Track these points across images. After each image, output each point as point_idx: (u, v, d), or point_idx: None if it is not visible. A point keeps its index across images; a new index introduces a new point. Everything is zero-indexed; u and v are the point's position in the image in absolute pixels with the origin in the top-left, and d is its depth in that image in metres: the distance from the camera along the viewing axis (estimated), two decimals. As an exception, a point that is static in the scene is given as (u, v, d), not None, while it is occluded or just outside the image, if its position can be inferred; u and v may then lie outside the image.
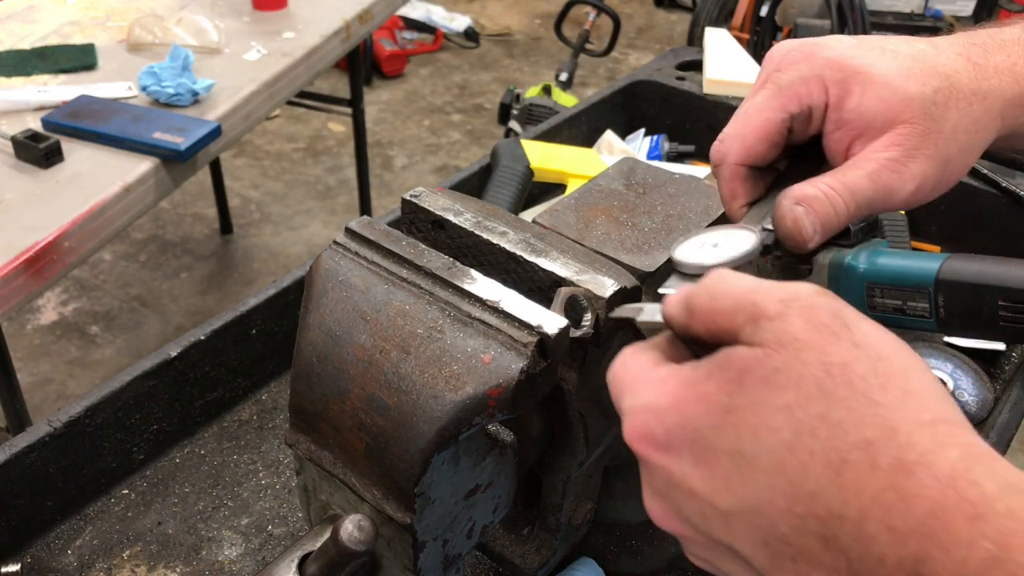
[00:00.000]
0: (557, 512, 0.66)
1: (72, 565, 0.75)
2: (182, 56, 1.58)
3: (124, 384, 0.80)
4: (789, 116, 0.57)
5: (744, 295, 0.40)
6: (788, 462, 0.37)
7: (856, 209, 0.55)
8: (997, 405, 0.91)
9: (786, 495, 0.36)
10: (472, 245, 0.62)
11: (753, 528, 0.38)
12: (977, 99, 0.57)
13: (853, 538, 0.35)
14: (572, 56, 3.64)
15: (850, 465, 0.35)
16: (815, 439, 0.36)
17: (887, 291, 0.94)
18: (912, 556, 0.33)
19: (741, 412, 0.38)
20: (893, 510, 0.34)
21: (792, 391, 0.37)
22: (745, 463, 0.38)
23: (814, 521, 0.36)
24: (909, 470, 0.34)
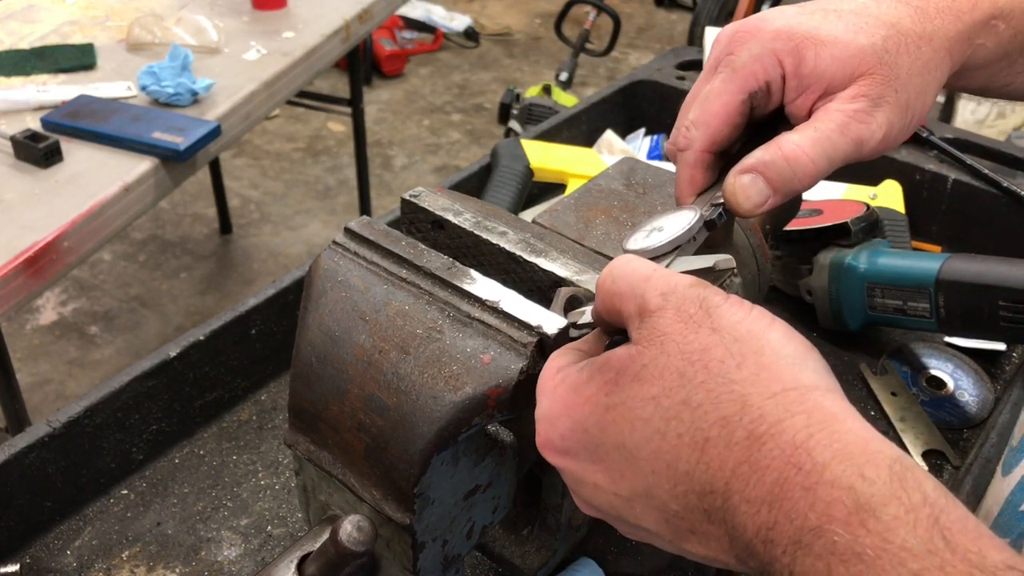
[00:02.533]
0: (557, 512, 0.66)
1: (71, 566, 0.75)
2: (181, 56, 1.58)
3: (123, 384, 0.80)
4: (748, 96, 0.58)
5: (637, 283, 0.44)
6: (662, 448, 0.40)
7: (828, 164, 0.56)
8: (997, 405, 0.91)
9: (667, 477, 0.40)
10: (472, 245, 0.62)
11: (652, 509, 0.42)
12: (924, 41, 0.58)
13: (724, 510, 0.39)
14: (572, 56, 3.64)
15: (711, 443, 0.39)
16: (681, 423, 0.40)
17: (887, 291, 0.94)
18: (764, 523, 0.37)
19: (619, 409, 0.42)
20: (748, 482, 0.38)
21: (658, 383, 0.41)
22: (629, 454, 0.42)
23: (694, 497, 0.40)
24: (761, 441, 0.38)
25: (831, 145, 0.55)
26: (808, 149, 0.55)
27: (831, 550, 0.34)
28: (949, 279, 0.88)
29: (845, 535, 0.34)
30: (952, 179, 1.15)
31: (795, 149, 0.55)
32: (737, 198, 0.55)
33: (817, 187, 1.16)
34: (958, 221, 1.15)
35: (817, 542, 0.35)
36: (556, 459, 0.46)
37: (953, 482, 0.83)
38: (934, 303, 0.89)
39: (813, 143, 0.55)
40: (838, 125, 0.55)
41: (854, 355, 0.99)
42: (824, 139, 0.55)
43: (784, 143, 0.55)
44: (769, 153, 0.55)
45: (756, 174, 0.55)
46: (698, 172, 0.59)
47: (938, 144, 1.17)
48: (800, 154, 0.55)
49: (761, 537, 0.37)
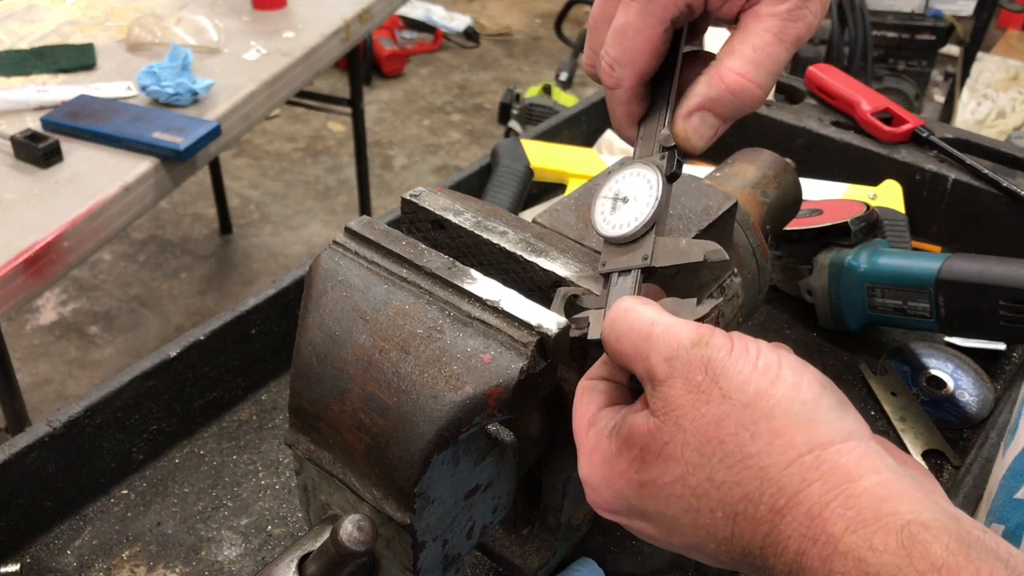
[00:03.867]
0: (557, 512, 0.66)
1: (71, 565, 0.75)
2: (181, 56, 1.58)
3: (123, 384, 0.80)
4: (671, 23, 0.55)
5: (640, 344, 0.46)
6: (699, 521, 0.43)
7: (772, 80, 0.54)
8: (997, 405, 0.91)
9: (710, 540, 0.44)
10: (472, 245, 0.62)
11: (705, 556, 0.45)
12: None
13: (762, 568, 0.42)
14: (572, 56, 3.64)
15: (740, 517, 0.42)
16: (710, 499, 0.43)
17: (887, 291, 0.94)
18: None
19: (651, 486, 0.45)
20: (776, 550, 0.40)
21: (681, 462, 0.43)
22: (671, 521, 0.45)
23: (738, 555, 0.43)
24: (781, 514, 0.40)
25: (772, 60, 0.53)
26: (752, 74, 0.53)
27: None
28: (949, 279, 0.88)
29: None
30: (952, 179, 1.15)
31: (739, 80, 0.53)
32: (691, 140, 0.55)
33: (817, 187, 1.17)
34: (958, 221, 1.15)
35: None
36: (610, 516, 0.49)
37: (953, 482, 0.83)
38: (934, 303, 0.90)
39: (756, 66, 0.53)
40: (775, 34, 0.53)
41: (854, 355, 0.99)
42: (765, 57, 0.53)
43: (726, 74, 0.53)
44: (714, 89, 0.53)
45: (704, 111, 0.54)
46: (633, 106, 0.58)
47: (938, 144, 1.17)
48: (745, 83, 0.53)
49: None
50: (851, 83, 1.29)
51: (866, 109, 1.22)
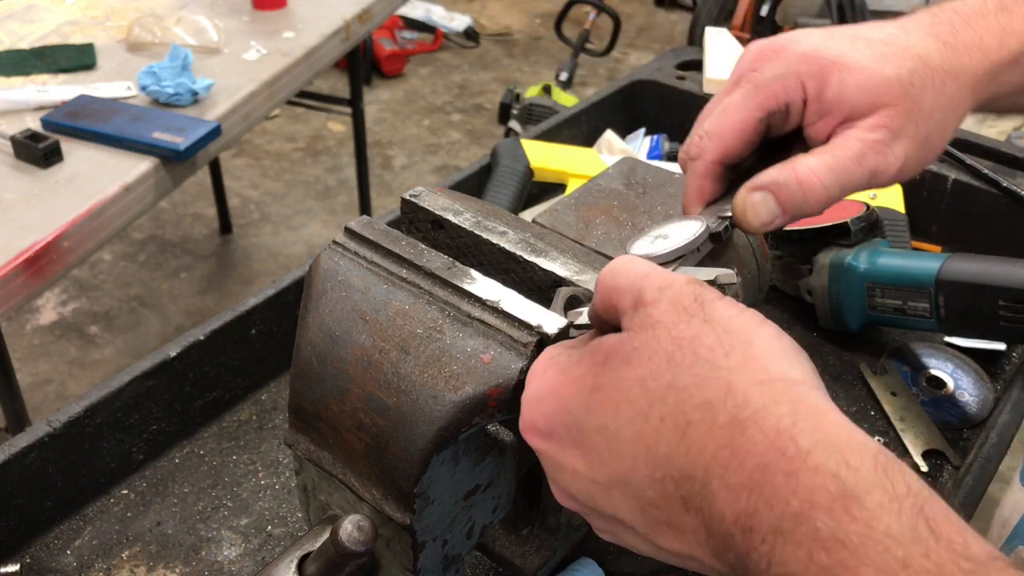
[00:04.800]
0: (557, 512, 0.66)
1: (71, 565, 0.75)
2: (181, 56, 1.58)
3: (123, 384, 0.80)
4: (767, 115, 0.58)
5: (636, 279, 0.44)
6: (644, 430, 0.40)
7: (840, 192, 0.56)
8: (997, 405, 0.91)
9: (646, 461, 0.40)
10: (472, 245, 0.62)
11: (628, 497, 0.41)
12: (950, 78, 0.58)
13: (702, 497, 0.38)
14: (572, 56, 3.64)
15: (693, 426, 0.38)
16: (665, 405, 0.39)
17: (888, 291, 0.94)
18: (744, 510, 0.36)
19: (605, 390, 0.42)
20: (729, 467, 0.37)
21: (646, 365, 0.41)
22: (611, 436, 0.41)
23: (671, 484, 0.39)
24: (743, 426, 0.37)
25: (846, 174, 0.55)
26: (822, 175, 0.55)
27: (813, 537, 0.34)
28: (949, 279, 0.88)
29: (828, 521, 0.34)
30: (952, 179, 1.15)
31: (809, 174, 0.55)
32: (746, 215, 0.55)
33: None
34: (958, 221, 1.15)
35: (799, 529, 0.34)
36: (537, 442, 0.45)
37: (953, 482, 0.83)
38: (934, 303, 0.89)
39: (828, 169, 0.55)
40: (855, 154, 0.55)
41: (854, 355, 0.99)
42: (840, 167, 0.55)
43: (799, 166, 0.55)
44: (783, 174, 0.55)
45: (768, 192, 0.55)
46: (707, 183, 0.59)
47: (938, 144, 1.17)
48: (814, 179, 0.55)
49: (740, 525, 0.36)
50: (851, 83, 1.29)
51: (866, 109, 1.22)
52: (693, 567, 0.41)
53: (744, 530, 0.36)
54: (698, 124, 0.61)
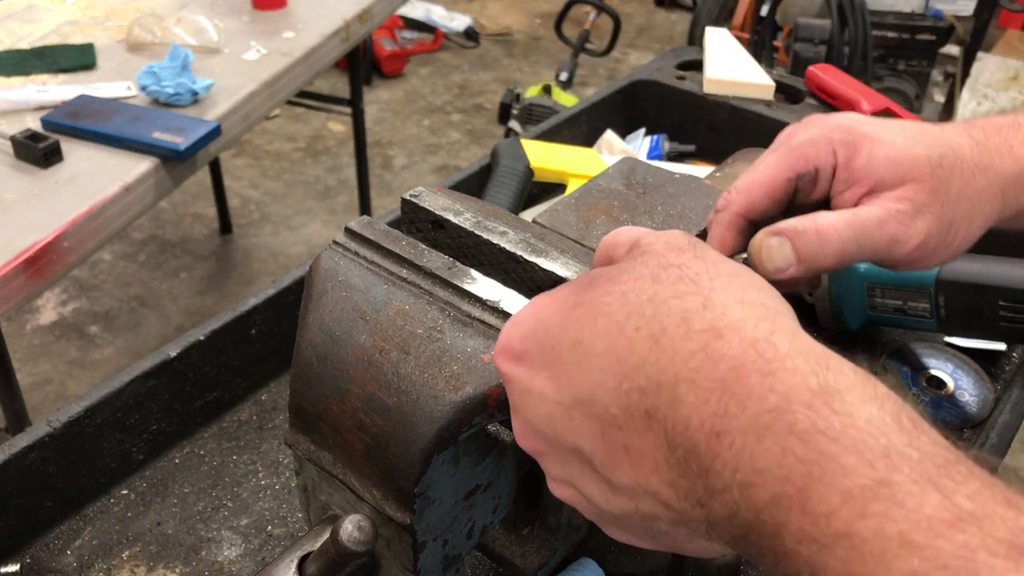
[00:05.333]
0: (557, 512, 0.66)
1: (71, 566, 0.75)
2: (181, 56, 1.58)
3: (123, 384, 0.80)
4: (796, 175, 0.59)
5: (635, 233, 0.45)
6: (617, 341, 0.39)
7: (857, 250, 0.56)
8: (997, 405, 0.91)
9: (615, 373, 0.38)
10: (472, 245, 0.62)
11: (591, 418, 0.39)
12: (980, 172, 0.59)
13: (668, 405, 0.36)
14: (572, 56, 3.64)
15: (667, 333, 0.37)
16: (642, 317, 0.39)
17: (888, 291, 0.94)
18: (713, 412, 0.35)
19: (585, 305, 0.41)
20: (701, 370, 0.36)
21: (630, 282, 0.40)
22: (583, 351, 0.40)
23: (637, 394, 0.37)
24: (719, 333, 0.36)
25: (865, 234, 0.56)
26: (841, 229, 0.55)
27: (789, 430, 0.33)
28: (949, 279, 0.88)
29: (808, 414, 0.33)
30: (952, 179, 1.14)
31: (828, 226, 0.55)
32: (761, 257, 0.56)
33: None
34: (958, 221, 1.15)
35: (775, 424, 0.33)
36: (509, 366, 0.44)
37: (953, 482, 0.83)
38: (934, 303, 0.90)
39: (848, 225, 0.56)
40: (877, 218, 0.56)
41: (854, 355, 0.98)
42: (860, 226, 0.56)
43: (820, 217, 0.56)
44: (803, 223, 0.56)
45: (784, 238, 0.56)
46: (730, 234, 0.60)
47: (938, 144, 1.17)
48: (832, 232, 0.55)
49: (706, 429, 0.35)
50: (851, 83, 1.29)
51: (866, 109, 1.22)
52: (645, 508, 0.39)
53: (710, 435, 0.35)
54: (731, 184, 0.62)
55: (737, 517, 0.34)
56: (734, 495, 0.34)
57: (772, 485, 0.33)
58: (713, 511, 0.35)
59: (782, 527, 0.32)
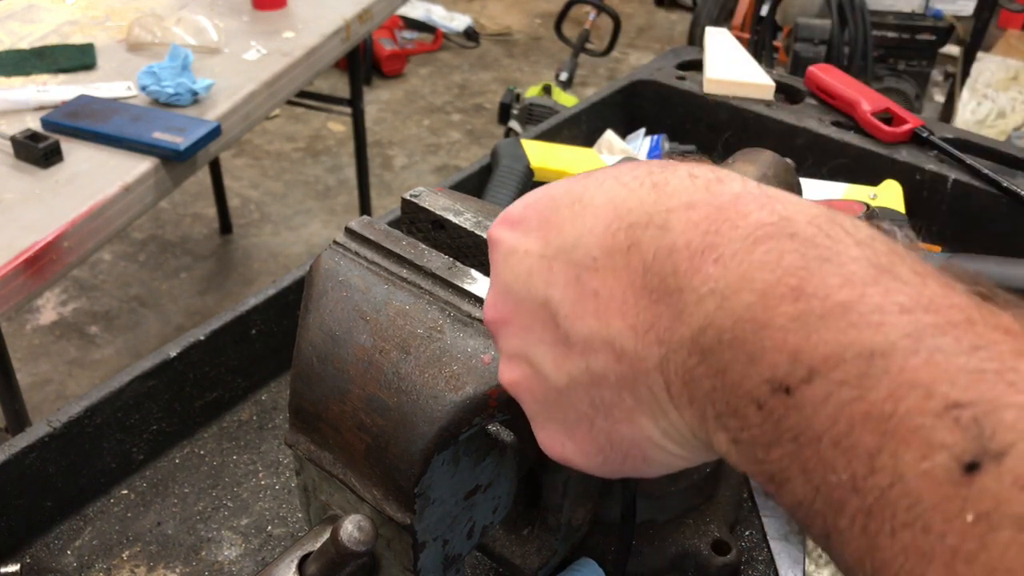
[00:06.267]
0: (557, 512, 0.66)
1: (72, 566, 0.75)
2: (181, 56, 1.58)
3: (123, 384, 0.80)
4: None
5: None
6: (617, 192, 0.37)
7: None
8: (998, 405, 0.91)
9: (606, 218, 0.37)
10: (472, 245, 0.62)
11: (569, 264, 0.37)
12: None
13: (653, 235, 0.34)
14: (572, 56, 3.64)
15: (671, 183, 0.36)
16: (650, 175, 0.37)
17: (887, 291, 0.94)
18: (703, 232, 0.33)
19: (596, 174, 0.39)
20: (697, 204, 0.34)
21: (630, 167, 0.38)
22: (580, 206, 0.38)
23: (624, 232, 0.36)
24: (722, 181, 0.35)
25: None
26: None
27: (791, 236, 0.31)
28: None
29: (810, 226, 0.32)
30: (952, 179, 1.15)
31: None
32: None
33: (817, 187, 1.17)
34: (958, 221, 1.15)
35: (775, 233, 0.32)
36: (502, 232, 0.42)
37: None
38: (934, 303, 0.89)
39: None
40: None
41: (854, 355, 0.99)
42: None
43: None
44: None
45: None
46: None
47: (938, 144, 1.17)
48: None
49: (693, 247, 0.33)
50: (851, 83, 1.29)
51: (866, 109, 1.22)
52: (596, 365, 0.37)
53: (695, 254, 0.33)
54: None
55: (706, 332, 0.32)
56: (709, 306, 0.32)
57: (761, 283, 0.31)
58: (675, 339, 0.33)
59: (767, 320, 0.30)
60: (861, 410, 0.27)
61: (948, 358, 0.27)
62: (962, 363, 0.26)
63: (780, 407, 0.29)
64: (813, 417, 0.28)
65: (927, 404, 0.26)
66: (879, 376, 0.27)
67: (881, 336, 0.28)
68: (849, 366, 0.28)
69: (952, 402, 0.26)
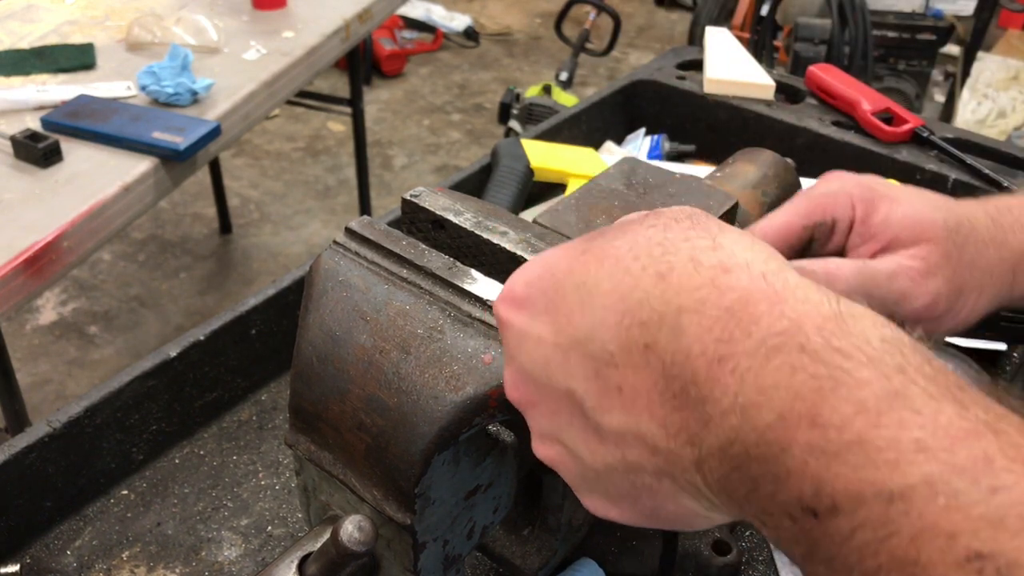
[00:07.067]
0: (558, 512, 0.66)
1: (71, 566, 0.75)
2: (181, 55, 1.58)
3: (123, 384, 0.80)
4: (812, 224, 0.60)
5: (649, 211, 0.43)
6: (623, 280, 0.37)
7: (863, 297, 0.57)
8: (998, 405, 0.91)
9: (617, 310, 0.37)
10: (472, 245, 0.62)
11: (587, 357, 0.38)
12: (994, 245, 0.59)
13: (668, 337, 0.35)
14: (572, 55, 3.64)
15: (675, 271, 0.36)
16: (650, 257, 0.37)
17: (888, 291, 0.94)
18: (717, 339, 0.34)
19: (593, 251, 0.40)
20: (707, 301, 0.35)
21: (641, 229, 0.39)
22: (587, 292, 0.39)
23: (638, 329, 0.36)
24: (728, 269, 0.35)
25: (874, 283, 0.56)
26: (849, 275, 0.56)
27: (800, 350, 0.32)
28: (950, 279, 0.88)
29: (819, 336, 0.32)
30: (952, 179, 1.15)
31: (836, 269, 0.56)
32: None
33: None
34: (958, 221, 1.15)
35: (785, 345, 0.32)
36: (510, 313, 0.43)
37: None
38: (934, 303, 0.89)
39: (857, 272, 0.56)
40: (888, 271, 0.57)
41: (854, 355, 0.99)
42: (869, 275, 0.56)
43: (830, 261, 0.57)
44: (813, 263, 0.56)
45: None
46: None
47: (938, 144, 1.17)
48: (839, 275, 0.56)
49: (709, 355, 0.33)
50: (851, 83, 1.29)
51: (866, 109, 1.22)
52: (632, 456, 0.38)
53: (712, 362, 0.33)
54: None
55: (734, 445, 0.32)
56: (733, 420, 0.32)
57: (779, 403, 0.31)
58: (706, 445, 0.34)
59: (788, 444, 0.31)
60: (887, 551, 0.28)
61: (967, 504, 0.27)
62: (982, 510, 0.27)
63: (811, 527, 0.31)
64: (842, 547, 0.29)
65: (949, 554, 0.27)
66: (900, 519, 0.28)
67: (899, 477, 0.28)
68: (871, 507, 0.29)
69: (974, 553, 0.26)
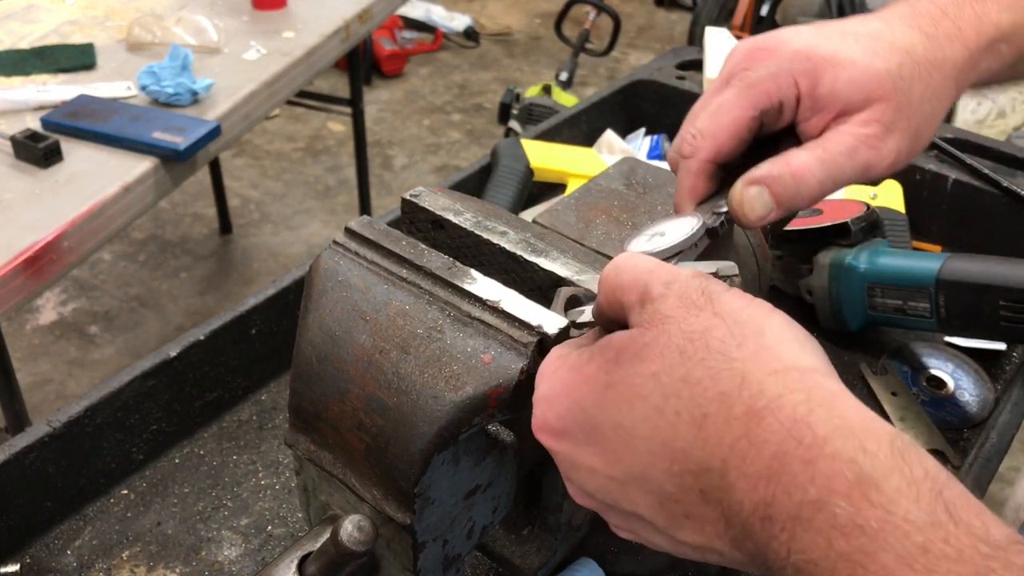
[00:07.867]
0: (557, 512, 0.66)
1: (71, 566, 0.75)
2: (181, 56, 1.58)
3: (123, 384, 0.80)
4: (760, 113, 0.58)
5: (641, 274, 0.44)
6: (660, 426, 0.40)
7: (832, 186, 0.57)
8: (998, 405, 0.91)
9: (663, 456, 0.40)
10: (472, 245, 0.62)
11: (647, 492, 0.41)
12: (935, 69, 0.59)
13: (720, 488, 0.38)
14: (572, 56, 3.64)
15: (709, 419, 0.38)
16: (679, 400, 0.39)
17: (888, 291, 0.94)
18: (762, 499, 0.36)
19: (618, 387, 0.42)
20: (746, 457, 0.37)
21: (658, 360, 0.41)
22: (626, 433, 0.41)
23: (690, 477, 0.39)
24: (759, 416, 0.37)
25: (837, 168, 0.56)
26: (815, 168, 0.55)
27: (832, 523, 0.34)
28: (949, 279, 0.88)
29: (847, 508, 0.34)
30: (952, 179, 1.15)
31: (802, 167, 0.55)
32: (743, 208, 0.56)
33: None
34: (958, 221, 1.15)
35: (818, 516, 0.34)
36: (552, 442, 0.45)
37: (953, 482, 0.83)
38: (934, 303, 0.89)
39: (821, 163, 0.56)
40: (847, 148, 0.56)
41: (854, 355, 0.99)
42: (832, 161, 0.56)
43: (793, 159, 0.56)
44: (777, 168, 0.56)
45: (763, 186, 0.56)
46: (700, 181, 0.59)
47: (938, 144, 1.17)
48: (806, 172, 0.55)
49: (759, 514, 0.36)
50: (851, 83, 1.29)
51: (866, 109, 1.22)
52: (714, 559, 0.41)
53: (763, 519, 0.36)
54: (688, 122, 0.61)
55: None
56: (789, 573, 0.36)
57: (822, 570, 0.34)
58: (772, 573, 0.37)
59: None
60: None
61: None
62: None
63: None
64: None
65: None
66: None
67: None
68: None
69: None
